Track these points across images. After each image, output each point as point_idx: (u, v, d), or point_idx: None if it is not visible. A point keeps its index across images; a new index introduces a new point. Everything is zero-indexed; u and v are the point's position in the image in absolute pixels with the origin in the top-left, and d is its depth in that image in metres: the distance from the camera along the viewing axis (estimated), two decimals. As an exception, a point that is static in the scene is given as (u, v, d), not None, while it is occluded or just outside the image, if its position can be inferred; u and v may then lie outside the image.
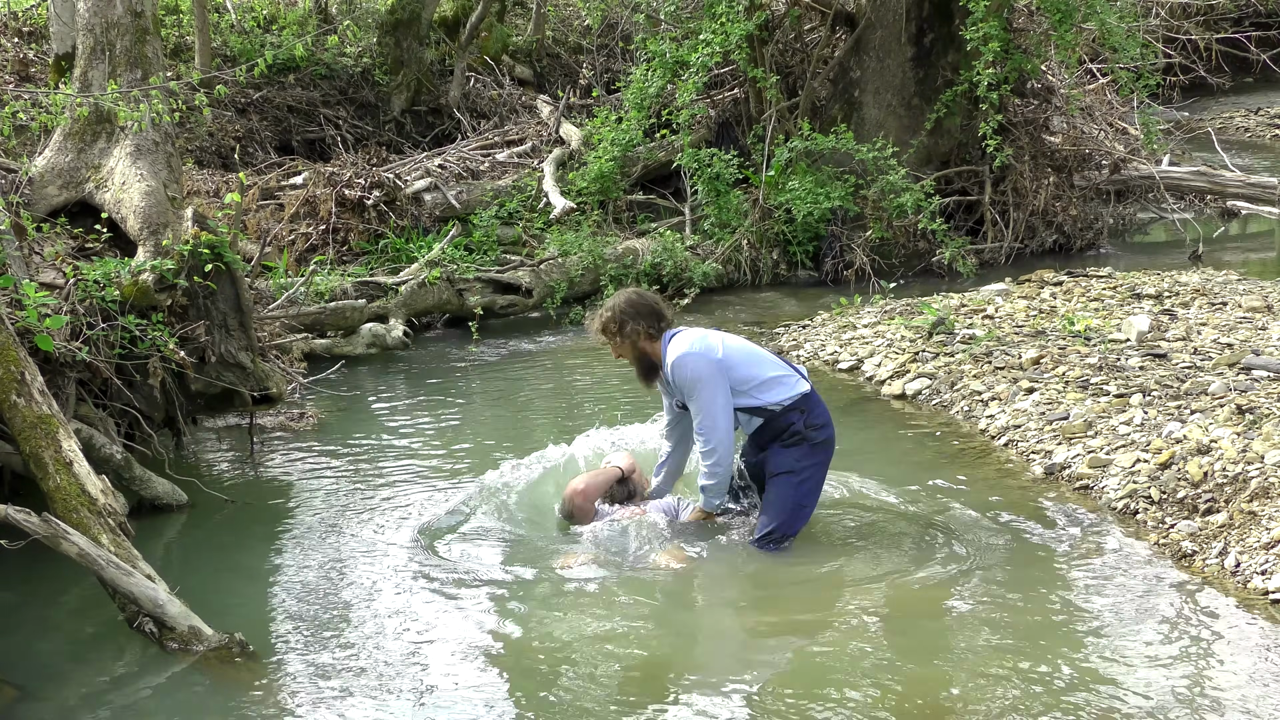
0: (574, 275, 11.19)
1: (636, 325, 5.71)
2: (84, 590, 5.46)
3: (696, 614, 5.38)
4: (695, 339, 5.70)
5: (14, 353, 5.49)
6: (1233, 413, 6.50)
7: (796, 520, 5.73)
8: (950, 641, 4.90)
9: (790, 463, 5.70)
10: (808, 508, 5.78)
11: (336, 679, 4.79)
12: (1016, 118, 13.12)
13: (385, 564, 5.90)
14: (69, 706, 4.72)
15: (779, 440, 5.73)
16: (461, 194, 12.46)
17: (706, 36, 12.07)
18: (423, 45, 15.85)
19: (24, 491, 6.03)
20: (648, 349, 5.76)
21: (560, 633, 5.10)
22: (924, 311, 9.44)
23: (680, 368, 5.62)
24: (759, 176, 12.14)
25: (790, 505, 5.70)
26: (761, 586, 5.48)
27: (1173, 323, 8.71)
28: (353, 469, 7.37)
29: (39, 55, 13.48)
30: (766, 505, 5.78)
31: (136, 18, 7.90)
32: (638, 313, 5.73)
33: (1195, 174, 14.39)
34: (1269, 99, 20.54)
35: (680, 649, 5.04)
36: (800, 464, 5.71)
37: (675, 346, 5.68)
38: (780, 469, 5.71)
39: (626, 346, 5.77)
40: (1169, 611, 5.02)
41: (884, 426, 7.79)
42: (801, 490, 5.73)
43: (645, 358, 5.77)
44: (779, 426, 5.72)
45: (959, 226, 12.89)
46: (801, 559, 5.68)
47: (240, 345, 7.15)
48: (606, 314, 5.78)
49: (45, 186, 7.84)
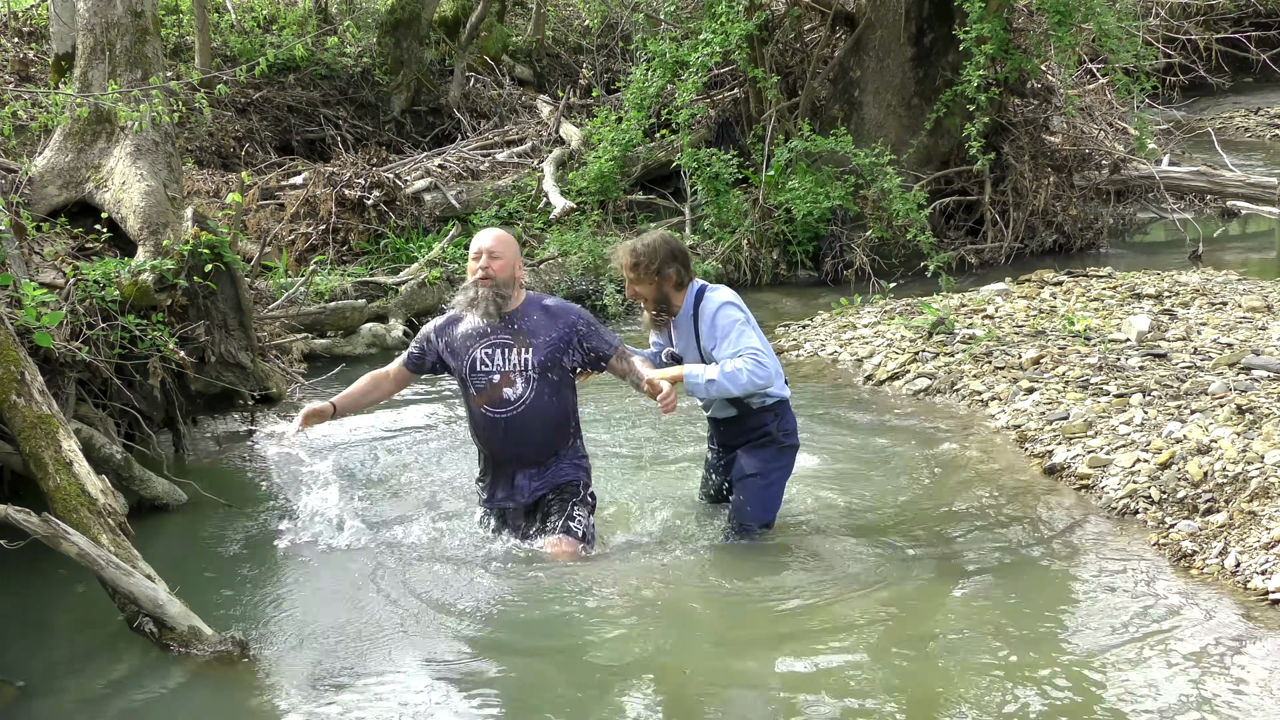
0: (574, 275, 11.19)
1: (672, 269, 5.70)
2: (84, 590, 5.46)
3: (686, 615, 5.37)
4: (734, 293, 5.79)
5: (14, 352, 5.49)
6: (1233, 413, 6.50)
7: (769, 516, 5.82)
8: (948, 642, 4.89)
9: (758, 464, 5.76)
10: (774, 510, 5.86)
11: (337, 679, 4.78)
12: (1016, 118, 13.13)
13: (385, 564, 5.90)
14: (69, 707, 4.72)
15: (749, 440, 5.79)
16: (461, 194, 12.46)
17: (706, 36, 12.07)
18: (423, 45, 15.86)
19: (24, 491, 6.02)
20: (671, 295, 5.74)
21: (561, 632, 5.10)
22: (924, 311, 9.45)
23: (728, 308, 5.62)
24: (759, 176, 12.14)
25: (759, 505, 5.78)
26: (753, 583, 5.47)
27: (1173, 323, 8.71)
28: (353, 469, 7.36)
29: (39, 55, 13.49)
30: (737, 508, 5.84)
31: (136, 17, 7.91)
32: (676, 257, 5.71)
33: (1195, 174, 14.40)
34: (1269, 99, 20.54)
35: (672, 649, 5.04)
36: (768, 466, 5.78)
37: (720, 294, 5.71)
38: (749, 471, 5.77)
39: (652, 287, 5.70)
40: (1169, 612, 5.02)
41: (882, 427, 7.79)
42: (769, 493, 5.81)
43: (666, 301, 5.73)
44: (752, 424, 5.77)
45: (959, 226, 12.90)
46: (796, 558, 5.69)
47: (240, 345, 7.15)
48: (645, 250, 5.68)
49: (45, 186, 7.84)
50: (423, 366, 5.79)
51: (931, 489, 6.63)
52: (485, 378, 5.55)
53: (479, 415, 5.62)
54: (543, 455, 5.64)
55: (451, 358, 5.65)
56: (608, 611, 5.25)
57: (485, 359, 5.55)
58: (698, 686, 4.68)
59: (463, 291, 5.60)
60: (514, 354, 5.52)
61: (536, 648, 5.01)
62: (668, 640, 5.04)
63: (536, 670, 4.85)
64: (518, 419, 5.55)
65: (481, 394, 5.57)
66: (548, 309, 5.62)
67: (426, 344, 5.75)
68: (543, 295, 5.80)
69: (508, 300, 5.54)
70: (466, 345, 5.59)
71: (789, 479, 5.98)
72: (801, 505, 6.35)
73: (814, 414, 8.03)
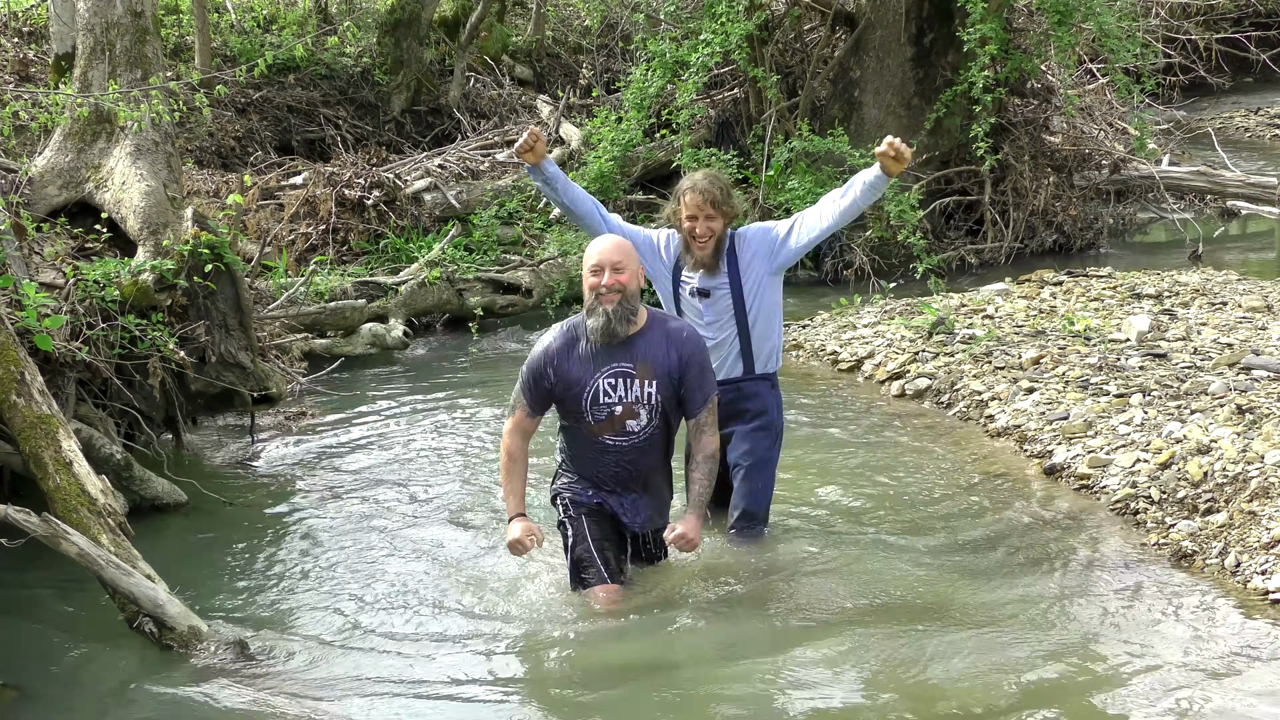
0: (574, 275, 11.18)
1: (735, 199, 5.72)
2: (83, 591, 5.46)
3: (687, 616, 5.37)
4: None
5: (14, 352, 5.49)
6: (1233, 413, 6.50)
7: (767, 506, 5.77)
8: (946, 641, 4.89)
9: (765, 449, 5.68)
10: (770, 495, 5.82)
11: (337, 679, 4.78)
12: (1016, 118, 13.12)
13: (385, 564, 5.90)
14: (68, 707, 4.72)
15: (747, 414, 5.68)
16: (461, 194, 12.46)
17: (706, 36, 12.06)
18: (422, 45, 15.86)
19: (24, 491, 6.03)
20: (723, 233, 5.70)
21: (560, 629, 5.09)
22: (924, 311, 9.44)
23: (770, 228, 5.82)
24: (759, 176, 12.14)
25: (768, 490, 5.72)
26: (754, 583, 5.46)
27: (1173, 322, 8.71)
28: (352, 469, 7.36)
29: (39, 55, 13.48)
30: (752, 493, 5.69)
31: (136, 18, 7.91)
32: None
33: (1195, 174, 14.39)
34: (1269, 99, 20.54)
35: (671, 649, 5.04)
36: (772, 451, 5.71)
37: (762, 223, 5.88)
38: (760, 454, 5.66)
39: (723, 221, 5.63)
40: (1168, 612, 5.01)
41: (882, 427, 7.79)
42: (772, 477, 5.75)
43: (722, 241, 5.68)
44: (750, 391, 5.67)
45: (959, 226, 12.90)
46: (797, 556, 5.69)
47: (240, 345, 7.16)
48: (719, 186, 5.64)
49: (45, 186, 7.84)
50: (546, 405, 5.18)
51: (930, 489, 6.62)
52: (607, 410, 5.04)
53: (592, 441, 5.14)
54: (654, 480, 5.25)
55: (566, 390, 5.06)
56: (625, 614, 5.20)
57: (608, 390, 5.03)
58: (698, 687, 4.68)
59: (588, 314, 5.05)
60: (636, 385, 5.03)
61: (540, 647, 5.01)
62: (667, 640, 5.04)
63: (540, 671, 4.85)
64: (637, 447, 5.12)
65: (601, 425, 5.07)
66: (669, 333, 5.12)
67: (542, 381, 5.10)
68: (664, 314, 5.38)
69: (635, 318, 5.04)
70: (584, 374, 5.03)
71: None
72: (800, 505, 6.35)
73: (813, 414, 8.03)
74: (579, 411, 5.07)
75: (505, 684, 4.77)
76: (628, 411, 5.03)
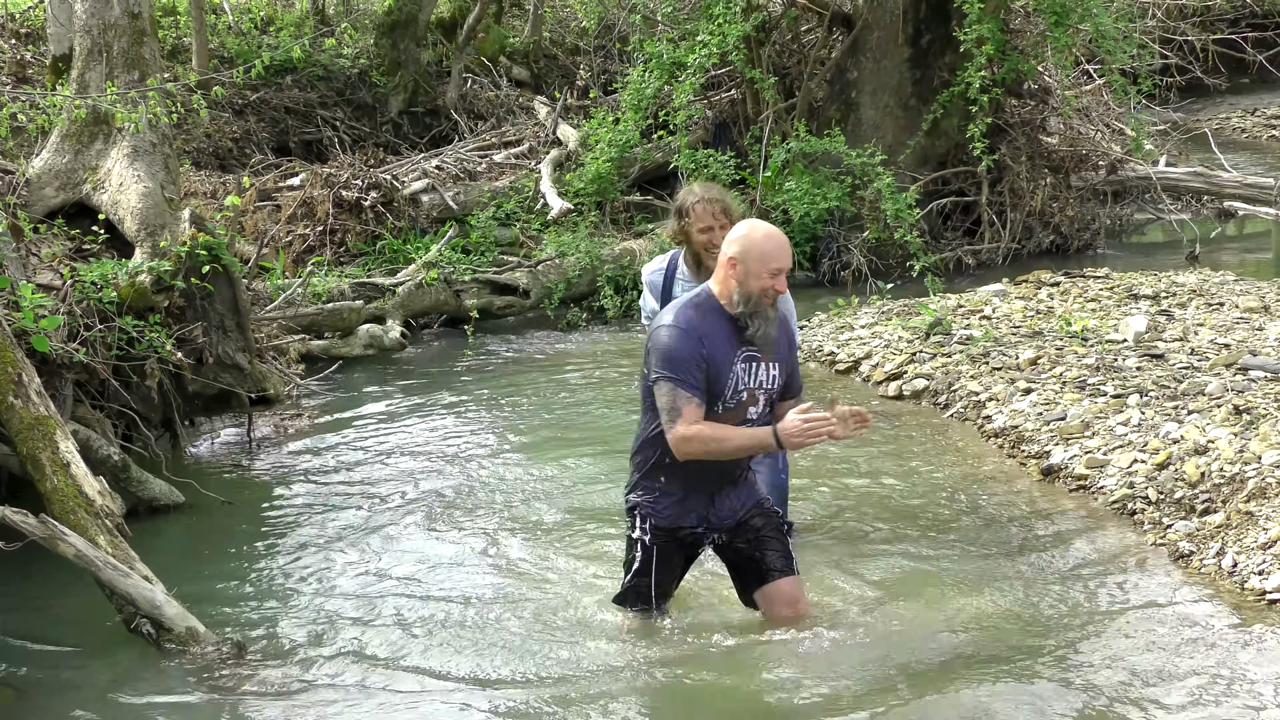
0: (571, 276, 11.19)
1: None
2: (81, 592, 5.46)
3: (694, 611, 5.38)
4: None
5: (11, 354, 5.49)
6: (1230, 413, 6.50)
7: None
8: (944, 642, 4.89)
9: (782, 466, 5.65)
10: None
11: (334, 680, 4.78)
12: (1013, 118, 13.13)
13: (382, 565, 5.90)
14: (67, 708, 4.72)
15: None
16: (459, 195, 12.47)
17: (703, 38, 12.07)
18: (420, 46, 15.87)
19: (21, 493, 6.02)
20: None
21: (560, 630, 5.09)
22: (921, 312, 9.45)
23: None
24: (756, 177, 12.14)
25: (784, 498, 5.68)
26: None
27: (1170, 323, 8.71)
28: (349, 470, 7.36)
29: (36, 56, 13.49)
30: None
31: (134, 19, 7.91)
32: None
33: (1192, 174, 14.39)
34: (1265, 99, 20.56)
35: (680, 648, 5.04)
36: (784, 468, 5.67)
37: None
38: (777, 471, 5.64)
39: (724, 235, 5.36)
40: (1166, 612, 5.02)
41: (881, 427, 7.79)
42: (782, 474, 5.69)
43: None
44: None
45: (956, 227, 12.90)
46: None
47: (237, 346, 7.16)
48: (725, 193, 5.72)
49: (43, 188, 7.84)
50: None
51: (928, 490, 6.63)
52: (737, 396, 4.64)
53: None
54: (745, 471, 4.92)
55: (715, 375, 4.61)
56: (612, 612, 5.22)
57: (743, 375, 4.65)
58: (697, 686, 4.69)
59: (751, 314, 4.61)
60: (762, 369, 4.68)
61: (541, 647, 5.00)
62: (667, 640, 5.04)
63: (541, 672, 4.85)
64: None
65: (728, 413, 4.63)
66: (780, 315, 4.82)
67: (703, 364, 4.57)
68: None
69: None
70: (727, 359, 4.62)
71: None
72: (799, 508, 6.35)
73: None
74: (716, 397, 4.62)
75: (505, 684, 4.77)
76: (750, 398, 4.67)
